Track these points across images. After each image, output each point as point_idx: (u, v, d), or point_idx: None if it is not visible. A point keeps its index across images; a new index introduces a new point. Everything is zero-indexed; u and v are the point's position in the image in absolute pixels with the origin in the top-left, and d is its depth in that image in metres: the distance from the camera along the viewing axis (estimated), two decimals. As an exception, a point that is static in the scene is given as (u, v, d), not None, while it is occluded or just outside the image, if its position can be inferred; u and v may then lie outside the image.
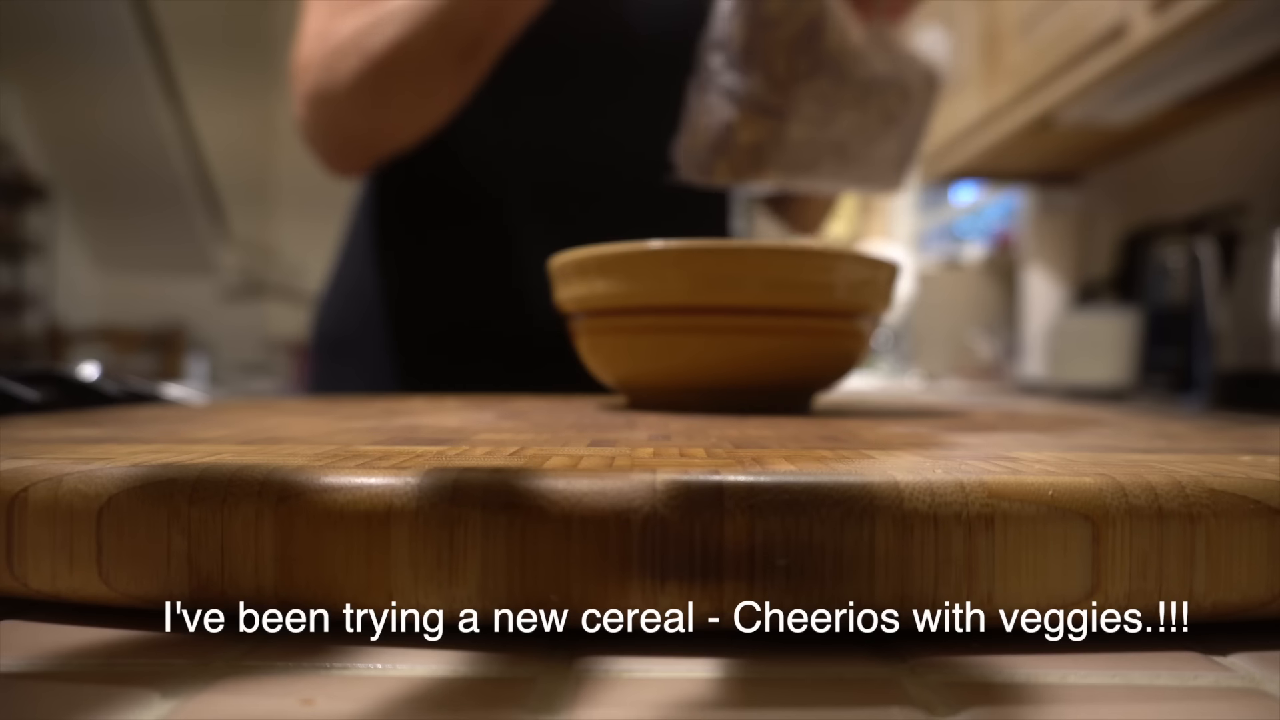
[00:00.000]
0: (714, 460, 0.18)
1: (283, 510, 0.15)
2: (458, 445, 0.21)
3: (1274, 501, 0.16)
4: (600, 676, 0.14)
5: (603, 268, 0.36)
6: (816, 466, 0.17)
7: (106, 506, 0.16)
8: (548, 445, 0.21)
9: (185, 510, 0.15)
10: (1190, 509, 0.16)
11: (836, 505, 0.15)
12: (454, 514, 0.15)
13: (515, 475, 0.15)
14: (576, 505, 0.15)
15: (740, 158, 0.53)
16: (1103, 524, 0.15)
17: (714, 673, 0.14)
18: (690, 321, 0.35)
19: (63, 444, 0.20)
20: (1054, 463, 0.18)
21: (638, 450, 0.20)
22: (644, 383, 0.39)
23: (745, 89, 0.52)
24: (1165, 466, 0.17)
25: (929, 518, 0.15)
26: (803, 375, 0.37)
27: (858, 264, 0.37)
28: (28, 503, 0.16)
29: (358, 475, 0.16)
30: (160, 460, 0.17)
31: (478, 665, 0.14)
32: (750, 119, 0.53)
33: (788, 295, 0.35)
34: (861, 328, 0.38)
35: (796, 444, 0.22)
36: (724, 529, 0.15)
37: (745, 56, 0.51)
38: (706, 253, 0.35)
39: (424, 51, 0.52)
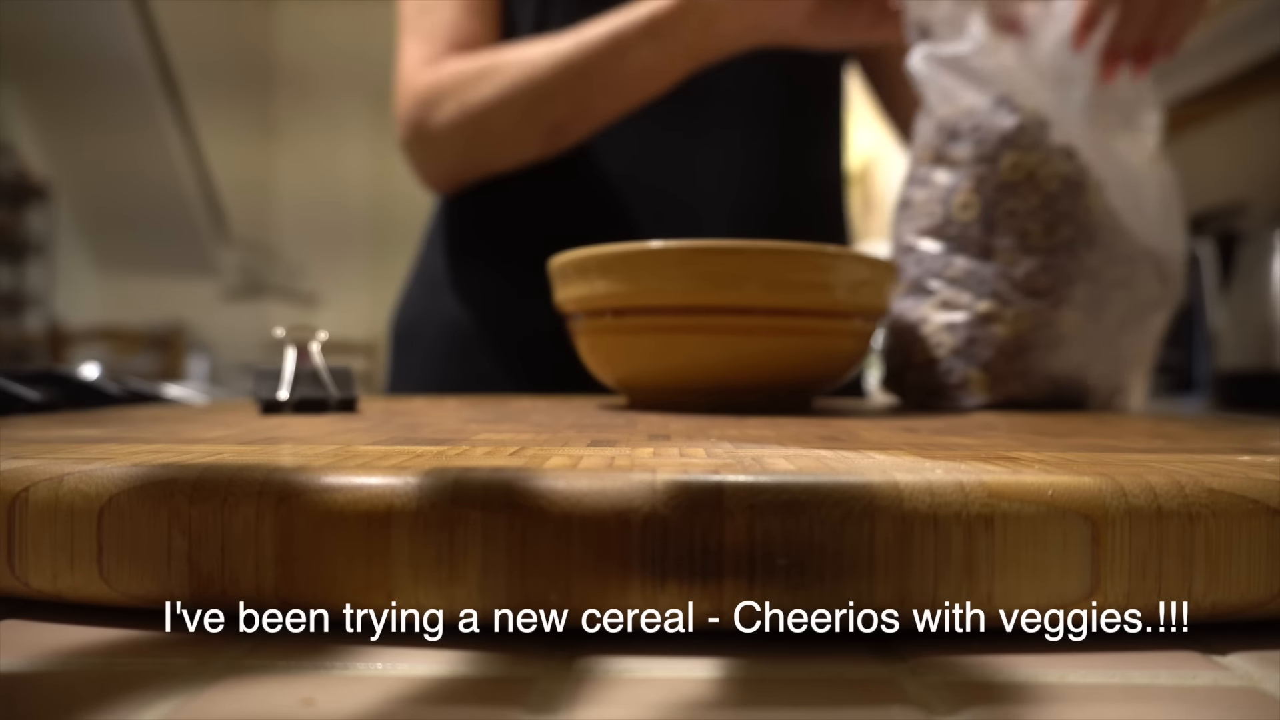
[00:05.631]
0: (714, 460, 0.18)
1: (283, 510, 0.15)
2: (458, 445, 0.21)
3: (1273, 501, 0.16)
4: (600, 676, 0.14)
5: (603, 268, 0.36)
6: (816, 466, 0.17)
7: (107, 506, 0.16)
8: (548, 445, 0.21)
9: (186, 510, 0.15)
10: (1189, 509, 0.16)
11: (836, 505, 0.15)
12: (454, 514, 0.15)
13: (515, 475, 0.15)
14: (576, 505, 0.15)
15: (1000, 364, 0.42)
16: (1102, 524, 0.15)
17: (714, 673, 0.14)
18: (690, 321, 0.35)
19: (63, 444, 0.20)
20: (1054, 463, 0.18)
21: (638, 450, 0.20)
22: (644, 383, 0.39)
23: (995, 274, 0.42)
24: (1164, 466, 0.17)
25: (929, 518, 0.15)
26: (803, 375, 0.37)
27: (858, 264, 0.37)
28: (29, 502, 0.16)
29: (358, 475, 0.16)
30: (161, 460, 0.17)
31: (478, 665, 0.14)
32: (1004, 309, 0.42)
33: (788, 295, 0.35)
34: (861, 328, 0.38)
35: (796, 444, 0.22)
36: (724, 529, 0.15)
37: (985, 231, 0.42)
38: (707, 252, 0.35)
39: (514, 119, 0.56)
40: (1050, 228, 0.42)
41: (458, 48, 0.60)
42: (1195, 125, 1.59)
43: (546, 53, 0.54)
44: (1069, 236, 0.42)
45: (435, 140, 0.59)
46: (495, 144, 0.59)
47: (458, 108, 0.57)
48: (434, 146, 0.60)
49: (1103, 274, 0.43)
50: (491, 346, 0.64)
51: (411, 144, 0.61)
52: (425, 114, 0.59)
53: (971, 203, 0.43)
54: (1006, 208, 0.42)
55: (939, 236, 0.44)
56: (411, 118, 0.60)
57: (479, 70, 0.56)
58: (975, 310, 0.43)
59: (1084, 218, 0.42)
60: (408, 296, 0.70)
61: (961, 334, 0.43)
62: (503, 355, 0.64)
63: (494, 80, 0.56)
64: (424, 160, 0.63)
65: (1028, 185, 0.42)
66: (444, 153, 0.61)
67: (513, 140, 0.58)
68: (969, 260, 0.43)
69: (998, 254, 0.42)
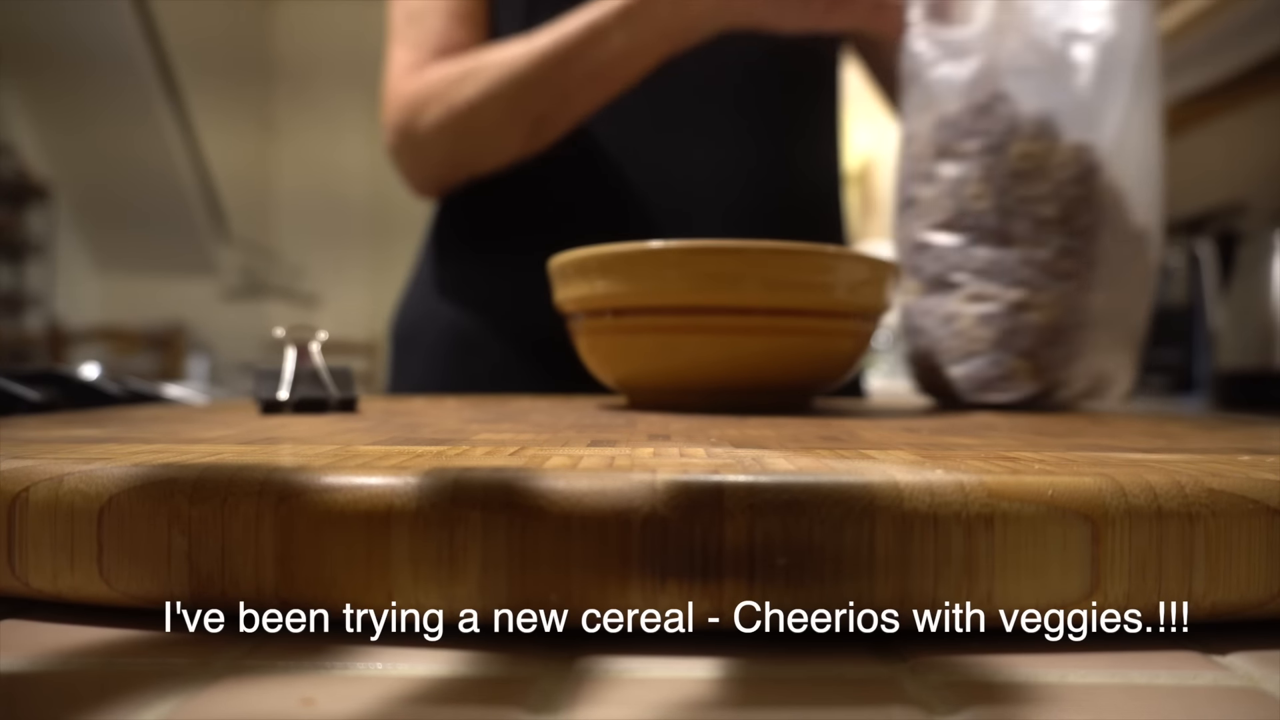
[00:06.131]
0: (714, 460, 0.18)
1: (283, 510, 0.15)
2: (458, 445, 0.21)
3: (1273, 501, 0.16)
4: (600, 676, 0.14)
5: (603, 267, 0.36)
6: (816, 466, 0.17)
7: (107, 506, 0.16)
8: (548, 445, 0.21)
9: (186, 510, 0.15)
10: (1189, 509, 0.16)
11: (836, 505, 0.15)
12: (454, 514, 0.15)
13: (515, 475, 0.15)
14: (576, 505, 0.15)
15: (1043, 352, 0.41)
16: (1102, 524, 0.15)
17: (714, 673, 0.14)
18: (690, 321, 0.35)
19: (64, 444, 0.20)
20: (1053, 463, 0.18)
21: (638, 450, 0.20)
22: (644, 383, 0.39)
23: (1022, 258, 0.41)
24: (1164, 466, 0.17)
25: (929, 518, 0.15)
26: (803, 375, 0.37)
27: (858, 264, 0.37)
28: (29, 502, 0.16)
29: (358, 475, 0.16)
30: (161, 460, 0.17)
31: (478, 665, 0.14)
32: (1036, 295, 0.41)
33: (788, 295, 0.35)
34: (861, 328, 0.38)
35: (796, 444, 0.22)
36: (724, 529, 0.15)
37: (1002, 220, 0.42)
38: (707, 252, 0.35)
39: (498, 116, 0.57)
40: (1065, 212, 0.42)
41: (444, 55, 0.61)
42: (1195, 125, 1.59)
43: (526, 49, 0.55)
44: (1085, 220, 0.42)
45: (422, 144, 0.60)
46: (479, 143, 0.60)
47: (443, 109, 0.57)
48: (421, 150, 0.61)
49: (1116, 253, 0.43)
50: (492, 347, 0.64)
51: (399, 150, 0.62)
52: (412, 119, 0.59)
53: (984, 193, 0.42)
54: (1019, 195, 0.42)
55: (955, 229, 0.44)
56: (399, 123, 0.61)
57: (462, 72, 0.57)
58: (1007, 299, 0.42)
59: (1096, 199, 0.42)
60: (408, 298, 0.70)
61: (998, 325, 0.42)
62: (503, 356, 0.64)
63: (477, 79, 0.56)
64: (410, 165, 0.63)
65: (1038, 173, 0.42)
66: (430, 156, 0.62)
67: (496, 137, 0.59)
68: (990, 249, 0.42)
69: (1017, 241, 0.42)
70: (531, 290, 0.53)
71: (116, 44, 4.17)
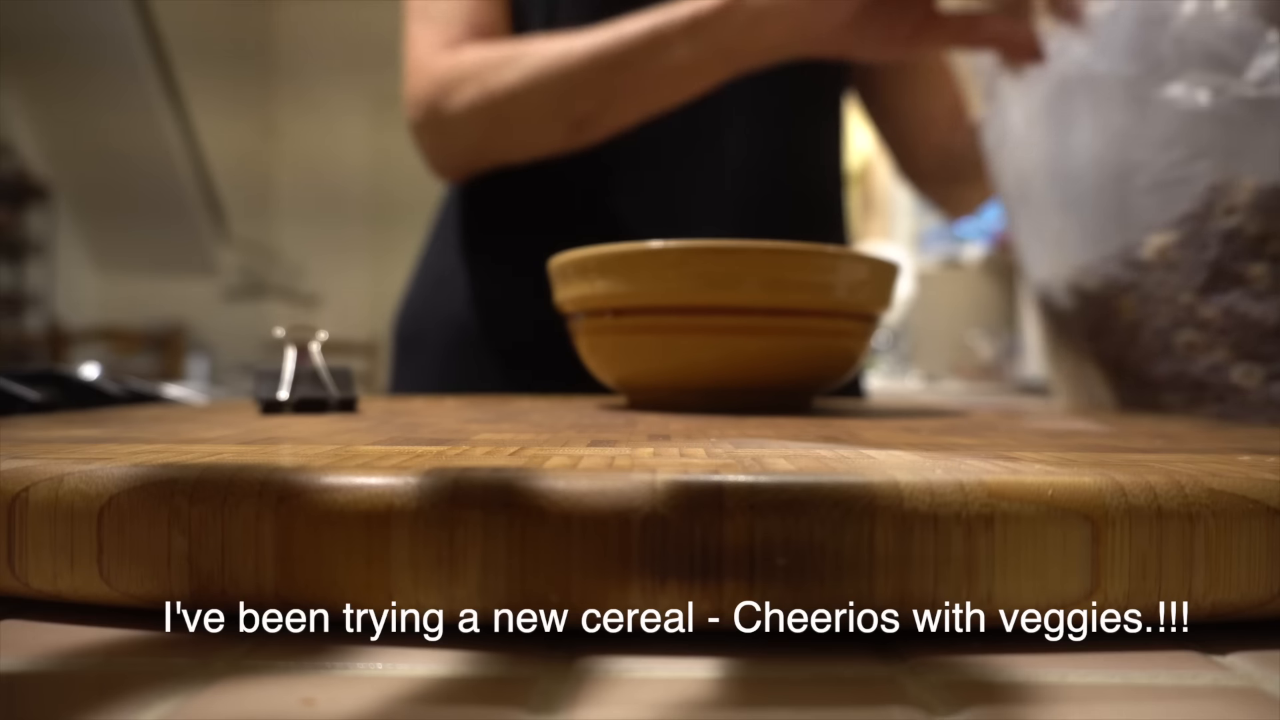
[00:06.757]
0: (714, 460, 0.18)
1: (283, 510, 0.15)
2: (458, 445, 0.21)
3: (1273, 501, 0.16)
4: (600, 676, 0.14)
5: (603, 267, 0.36)
6: (816, 466, 0.17)
7: (107, 506, 0.16)
8: (548, 445, 0.21)
9: (186, 510, 0.15)
10: (1189, 509, 0.16)
11: (836, 505, 0.15)
12: (454, 514, 0.15)
13: (515, 475, 0.15)
14: (576, 505, 0.15)
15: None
16: (1102, 524, 0.15)
17: (714, 673, 0.14)
18: (690, 321, 0.35)
19: (64, 444, 0.20)
20: (1054, 462, 0.18)
21: (638, 450, 0.20)
22: (644, 383, 0.39)
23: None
24: (1165, 466, 0.17)
25: (929, 517, 0.15)
26: (803, 375, 0.37)
27: (858, 264, 0.37)
28: (29, 502, 0.16)
29: (358, 475, 0.16)
30: (161, 460, 0.17)
31: (478, 665, 0.14)
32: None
33: (788, 295, 0.35)
34: (861, 328, 0.38)
35: (796, 444, 0.22)
36: (724, 529, 0.15)
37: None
38: (706, 253, 0.35)
39: (538, 107, 0.54)
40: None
41: (475, 33, 0.59)
42: None
43: (581, 43, 0.53)
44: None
45: (450, 124, 0.58)
46: (514, 132, 0.57)
47: (479, 91, 0.55)
48: (449, 130, 0.59)
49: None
50: (493, 346, 0.64)
51: (424, 127, 0.60)
52: (442, 97, 0.57)
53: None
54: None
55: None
56: (426, 99, 0.58)
57: (504, 57, 0.55)
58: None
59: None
60: (411, 295, 0.70)
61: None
62: (504, 355, 0.64)
63: (520, 65, 0.54)
64: (433, 144, 0.61)
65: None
66: (459, 138, 0.59)
67: (534, 129, 0.56)
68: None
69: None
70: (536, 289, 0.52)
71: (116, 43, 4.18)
